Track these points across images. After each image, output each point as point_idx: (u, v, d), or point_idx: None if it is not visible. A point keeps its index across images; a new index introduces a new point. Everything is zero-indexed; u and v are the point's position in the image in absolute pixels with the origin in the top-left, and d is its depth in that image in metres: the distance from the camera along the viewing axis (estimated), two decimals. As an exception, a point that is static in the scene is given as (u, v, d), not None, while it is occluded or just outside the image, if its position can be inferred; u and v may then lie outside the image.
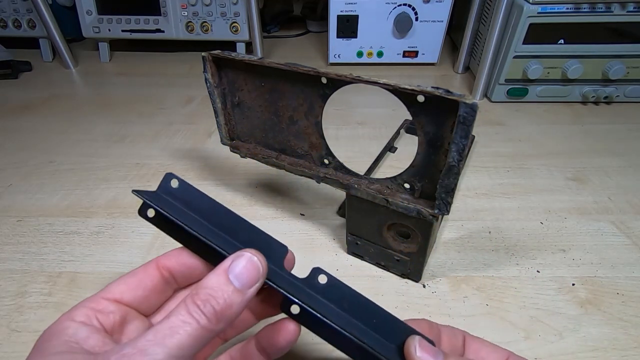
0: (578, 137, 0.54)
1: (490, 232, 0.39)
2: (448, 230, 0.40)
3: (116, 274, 0.36)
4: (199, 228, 0.21)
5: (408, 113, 0.26)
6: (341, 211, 0.42)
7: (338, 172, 0.33)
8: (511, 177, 0.47)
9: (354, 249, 0.37)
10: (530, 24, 0.54)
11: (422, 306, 0.32)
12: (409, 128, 0.56)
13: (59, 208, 0.43)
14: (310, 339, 0.30)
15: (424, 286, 0.34)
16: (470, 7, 0.68)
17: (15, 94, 0.69)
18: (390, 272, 0.35)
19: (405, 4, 0.69)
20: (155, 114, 0.62)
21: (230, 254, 0.19)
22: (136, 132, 0.58)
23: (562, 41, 0.56)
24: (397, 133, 0.55)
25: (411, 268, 0.34)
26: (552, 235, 0.39)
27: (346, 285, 0.22)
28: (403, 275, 0.35)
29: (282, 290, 0.21)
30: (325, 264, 0.35)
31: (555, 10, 0.53)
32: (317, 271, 0.21)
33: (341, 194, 0.43)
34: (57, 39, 0.76)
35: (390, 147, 0.52)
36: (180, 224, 0.21)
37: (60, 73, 0.78)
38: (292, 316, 0.21)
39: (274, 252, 0.22)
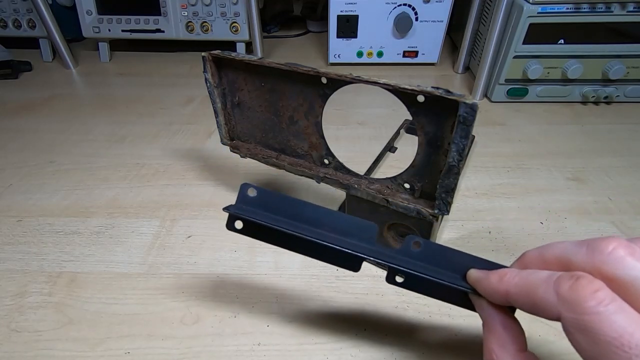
0: (578, 137, 0.54)
1: (490, 232, 0.39)
2: (448, 230, 0.40)
3: (116, 274, 0.36)
4: (290, 227, 0.23)
5: (408, 113, 0.26)
6: (341, 211, 0.42)
7: (338, 172, 0.33)
8: (511, 177, 0.47)
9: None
10: (530, 24, 0.54)
11: (421, 306, 0.32)
12: (409, 128, 0.56)
13: (59, 208, 0.43)
14: (311, 339, 0.30)
15: (424, 286, 0.34)
16: (470, 7, 0.68)
17: (15, 94, 0.69)
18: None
19: (405, 4, 0.69)
20: (155, 114, 0.62)
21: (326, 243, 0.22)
22: (136, 132, 0.58)
23: (562, 41, 0.56)
24: (397, 133, 0.55)
25: (411, 268, 0.34)
26: (552, 235, 0.39)
27: (435, 244, 0.23)
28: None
29: (389, 264, 0.22)
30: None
31: (555, 10, 0.53)
32: (411, 239, 0.23)
33: (341, 194, 0.43)
34: (57, 39, 0.76)
35: (390, 147, 0.52)
36: (275, 227, 0.23)
37: (60, 73, 0.78)
38: (397, 284, 0.22)
39: (364, 232, 0.23)
